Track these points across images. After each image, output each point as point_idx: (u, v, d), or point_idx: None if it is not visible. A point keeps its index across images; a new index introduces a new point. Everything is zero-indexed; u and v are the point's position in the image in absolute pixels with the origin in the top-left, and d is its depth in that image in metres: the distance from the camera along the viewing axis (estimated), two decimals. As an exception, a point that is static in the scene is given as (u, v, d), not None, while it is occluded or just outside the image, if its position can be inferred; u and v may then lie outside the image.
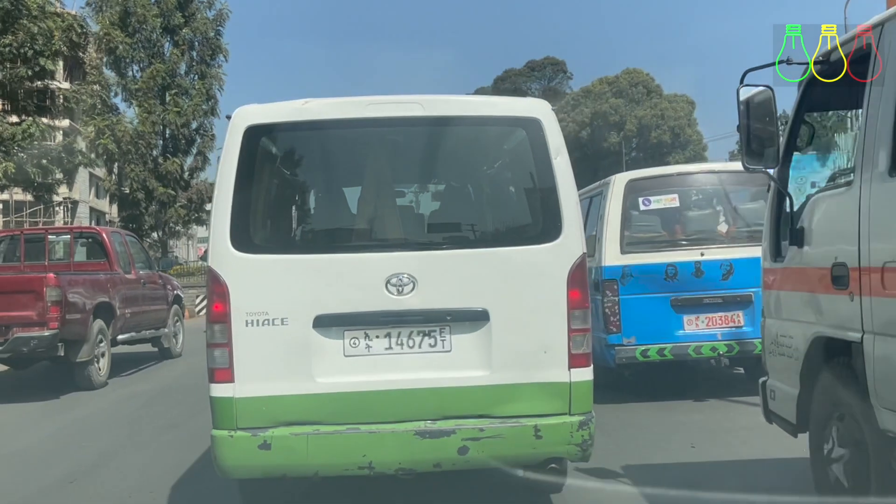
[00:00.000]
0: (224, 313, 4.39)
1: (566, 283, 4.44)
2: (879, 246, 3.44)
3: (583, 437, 4.39)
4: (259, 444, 4.32)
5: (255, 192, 4.67)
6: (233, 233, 4.45)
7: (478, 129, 4.98)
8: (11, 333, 9.64)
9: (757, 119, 4.03)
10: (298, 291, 4.45)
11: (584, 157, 59.18)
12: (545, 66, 69.80)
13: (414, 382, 4.41)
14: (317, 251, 4.78)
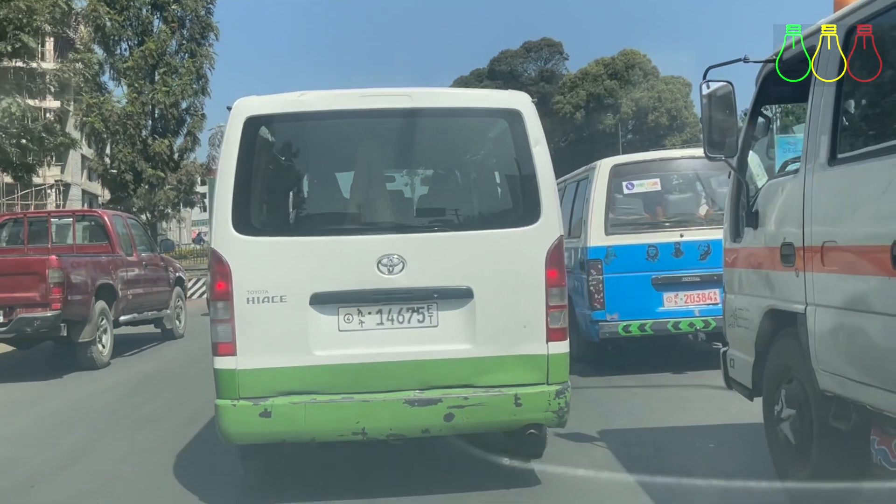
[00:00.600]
0: (226, 292, 4.71)
1: (545, 263, 4.79)
2: (819, 228, 3.83)
3: (559, 405, 4.75)
4: (260, 412, 4.65)
5: (255, 179, 4.96)
6: (234, 216, 4.77)
7: (462, 119, 5.33)
8: (15, 314, 9.90)
9: (718, 112, 4.40)
10: (296, 271, 4.76)
11: (579, 140, 59.08)
12: (542, 48, 69.22)
13: (403, 355, 4.74)
14: (313, 234, 5.08)
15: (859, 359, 3.59)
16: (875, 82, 3.64)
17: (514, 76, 66.05)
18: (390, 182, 5.79)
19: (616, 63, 61.69)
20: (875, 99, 3.76)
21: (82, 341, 10.62)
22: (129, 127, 28.24)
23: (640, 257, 8.71)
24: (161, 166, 28.98)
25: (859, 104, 3.89)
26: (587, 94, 60.44)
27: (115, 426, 7.43)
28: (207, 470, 5.84)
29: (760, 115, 4.77)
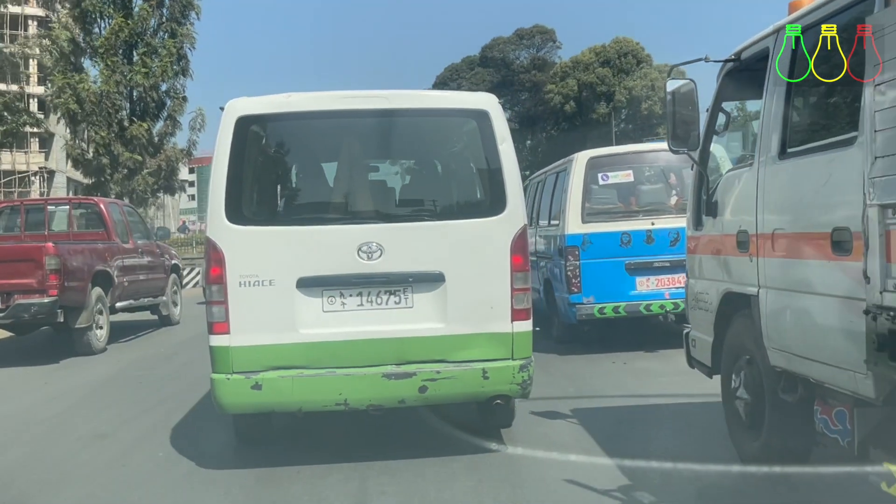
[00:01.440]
0: (221, 276, 5.04)
1: (509, 250, 5.12)
2: (770, 216, 4.02)
3: (523, 378, 5.12)
4: (251, 385, 4.99)
5: (246, 173, 5.29)
6: (227, 208, 5.09)
7: (435, 119, 5.70)
8: (13, 300, 9.92)
9: (681, 107, 4.58)
10: (284, 257, 5.09)
11: (572, 129, 56.88)
12: (534, 35, 66.90)
13: (382, 333, 5.08)
14: (299, 223, 5.41)
15: (803, 336, 3.80)
16: (820, 84, 3.82)
17: (505, 63, 64.52)
18: (369, 176, 6.09)
19: (608, 51, 59.63)
20: (820, 99, 3.96)
21: (79, 327, 10.63)
22: (106, 106, 25.40)
23: (615, 244, 8.98)
24: (140, 150, 26.25)
25: (807, 103, 4.08)
26: (579, 82, 58.38)
27: (110, 409, 7.47)
28: (196, 439, 6.12)
29: (721, 110, 4.95)
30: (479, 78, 62.91)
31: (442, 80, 64.87)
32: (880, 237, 3.20)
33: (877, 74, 3.16)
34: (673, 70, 4.58)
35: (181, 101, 27.14)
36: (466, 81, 62.99)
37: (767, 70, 4.14)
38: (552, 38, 67.17)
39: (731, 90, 4.85)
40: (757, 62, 4.32)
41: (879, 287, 3.19)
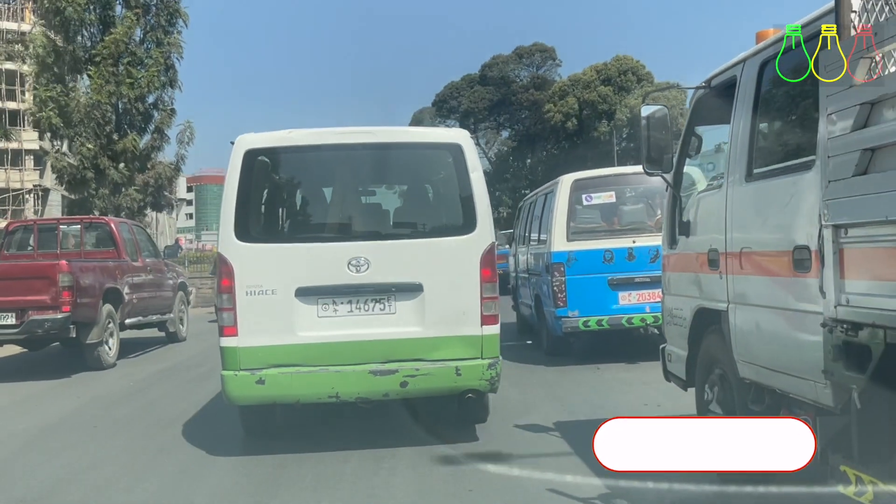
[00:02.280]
0: (230, 286, 5.63)
1: (479, 264, 5.70)
2: (738, 235, 4.13)
3: (491, 375, 5.69)
4: (256, 380, 5.57)
5: (253, 198, 5.94)
6: (236, 227, 5.70)
7: (415, 151, 6.35)
8: (27, 316, 10.00)
9: (655, 132, 4.70)
10: (284, 270, 5.68)
11: (572, 147, 55.55)
12: (534, 53, 64.85)
13: (368, 336, 5.64)
14: (298, 241, 6.07)
15: (769, 349, 3.89)
16: (782, 110, 3.94)
17: (505, 82, 62.58)
18: (358, 200, 6.74)
19: (609, 69, 57.56)
20: (783, 125, 4.07)
21: (90, 343, 10.68)
22: (96, 118, 22.72)
23: (598, 261, 9.15)
24: (128, 165, 23.64)
25: (771, 128, 4.19)
26: (579, 100, 56.23)
27: (120, 423, 7.52)
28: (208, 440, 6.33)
29: (693, 134, 5.07)
30: (479, 96, 61.79)
31: (442, 97, 63.63)
32: (834, 255, 3.31)
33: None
34: (647, 96, 4.70)
35: (169, 114, 24.45)
36: (466, 99, 61.82)
37: (735, 96, 4.26)
38: (552, 56, 65.50)
39: (702, 115, 4.98)
40: (726, 89, 4.44)
41: (834, 301, 3.29)
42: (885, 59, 3.25)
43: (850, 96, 3.25)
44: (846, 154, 3.25)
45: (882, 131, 3.11)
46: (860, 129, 3.21)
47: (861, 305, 3.16)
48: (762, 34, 4.09)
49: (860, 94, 3.20)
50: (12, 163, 46.73)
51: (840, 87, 3.28)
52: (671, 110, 4.97)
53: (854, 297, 3.22)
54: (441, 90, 64.46)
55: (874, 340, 3.07)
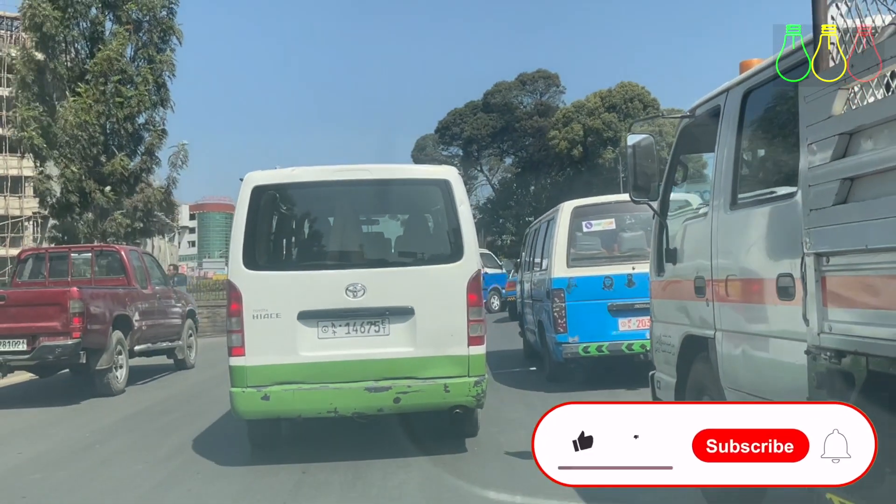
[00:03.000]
0: (238, 310, 6.04)
1: (466, 289, 6.10)
2: (724, 263, 4.13)
3: (477, 392, 6.08)
4: (262, 396, 5.98)
5: (259, 230, 6.35)
6: (244, 257, 6.14)
7: (407, 187, 6.79)
8: (39, 342, 10.04)
9: (642, 160, 4.72)
10: (287, 295, 6.09)
11: (577, 174, 54.47)
12: (537, 79, 63.77)
13: (364, 356, 6.01)
14: (300, 269, 6.54)
15: (755, 376, 3.88)
16: (765, 139, 3.96)
17: (508, 109, 61.67)
18: (355, 231, 7.18)
19: (614, 96, 56.32)
20: (767, 154, 4.09)
21: (99, 369, 10.71)
22: (82, 140, 20.44)
23: (598, 287, 9.12)
24: (116, 188, 21.30)
25: (755, 157, 4.21)
26: (584, 127, 55.01)
27: (129, 448, 7.54)
28: (209, 472, 6.37)
29: (679, 162, 5.08)
30: (482, 123, 61.10)
31: (444, 124, 62.85)
32: (816, 283, 3.30)
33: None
34: (633, 125, 4.74)
35: (160, 135, 22.25)
36: (469, 126, 61.14)
37: (719, 125, 4.28)
38: (556, 82, 64.33)
39: (688, 143, 5.01)
40: (710, 118, 4.46)
41: (817, 329, 3.29)
42: (863, 90, 3.27)
43: (829, 126, 3.27)
44: (826, 183, 3.26)
45: (860, 161, 3.12)
46: (839, 158, 3.23)
47: (843, 333, 3.16)
48: (746, 64, 4.13)
49: (838, 124, 3.23)
50: (11, 189, 46.03)
51: (820, 116, 3.31)
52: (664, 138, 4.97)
53: (837, 325, 3.21)
54: (444, 117, 63.79)
55: (857, 368, 3.06)
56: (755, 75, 3.94)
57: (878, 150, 3.02)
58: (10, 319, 9.89)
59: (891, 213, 2.91)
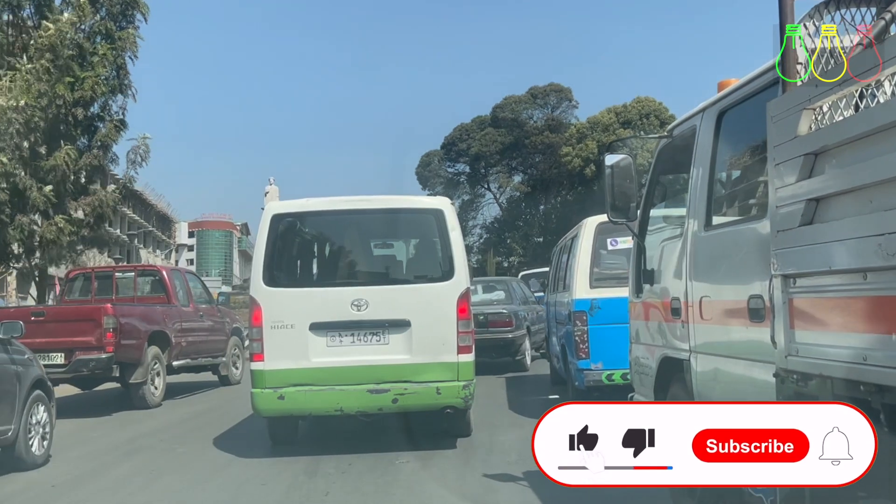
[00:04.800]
0: (259, 322, 6.88)
1: (456, 304, 6.90)
2: (698, 284, 4.07)
3: (465, 394, 6.89)
4: (278, 396, 6.83)
5: (278, 252, 7.24)
6: (265, 275, 7.02)
7: (405, 215, 7.67)
8: (75, 356, 10.48)
9: (620, 180, 4.69)
10: (301, 309, 6.92)
11: (589, 193, 51.30)
12: (548, 94, 60.36)
13: (367, 362, 6.81)
14: (312, 286, 7.52)
15: (728, 397, 3.78)
16: (739, 160, 3.90)
17: (518, 124, 58.55)
18: (360, 253, 8.09)
19: (630, 111, 53.30)
20: (739, 176, 4.03)
21: (134, 382, 11.10)
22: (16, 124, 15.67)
23: (623, 309, 8.54)
24: (58, 187, 16.67)
25: (728, 179, 4.15)
26: (598, 144, 51.63)
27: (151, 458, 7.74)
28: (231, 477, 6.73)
29: (658, 183, 5.02)
30: (490, 138, 58.19)
31: (450, 140, 59.93)
32: (784, 305, 3.25)
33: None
34: (611, 145, 4.73)
35: (117, 126, 17.73)
36: (476, 142, 58.37)
37: (694, 146, 4.23)
38: (568, 96, 60.60)
39: (666, 164, 4.97)
40: (686, 138, 4.41)
41: (785, 352, 3.22)
42: (831, 110, 3.21)
43: (794, 147, 3.23)
44: (792, 204, 3.22)
45: (825, 182, 3.06)
46: (805, 179, 3.16)
47: (809, 356, 3.10)
48: (724, 83, 4.09)
49: (803, 144, 3.17)
50: None
51: (786, 137, 3.26)
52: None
53: (803, 347, 3.16)
54: (450, 132, 60.60)
55: (823, 391, 2.98)
56: (729, 95, 3.90)
57: (842, 171, 2.97)
58: (48, 334, 10.27)
59: (853, 234, 2.86)
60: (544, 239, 55.84)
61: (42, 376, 7.40)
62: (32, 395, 7.04)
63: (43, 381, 7.39)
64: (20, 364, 6.99)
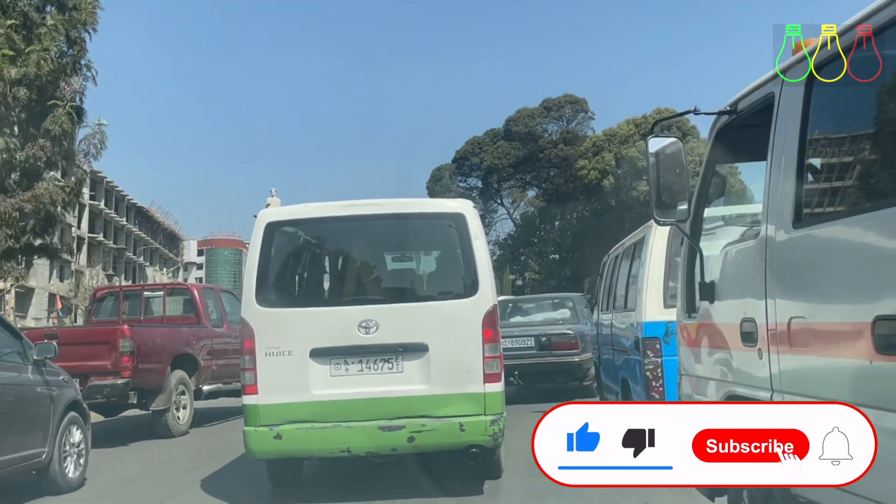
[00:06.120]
0: (251, 348, 5.94)
1: (481, 325, 5.93)
2: (785, 301, 2.98)
3: (494, 431, 5.91)
4: (274, 435, 5.88)
5: (272, 266, 6.33)
6: (257, 293, 6.09)
7: (421, 221, 6.63)
8: (89, 381, 9.81)
9: (667, 171, 3.65)
10: (300, 332, 5.99)
11: (606, 209, 50.82)
12: (563, 105, 58.97)
13: (377, 393, 5.88)
14: (312, 305, 6.49)
15: None
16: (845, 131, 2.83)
17: (532, 137, 57.40)
18: (368, 266, 7.06)
19: (649, 122, 50.98)
20: (847, 149, 2.92)
21: (156, 409, 10.43)
22: None
23: None
24: None
25: (829, 155, 3.05)
26: (615, 156, 50.79)
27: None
28: None
29: (715, 174, 3.95)
30: (503, 152, 57.20)
31: (462, 154, 59.19)
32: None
33: None
34: (656, 126, 3.64)
35: (67, 111, 14.65)
36: (489, 156, 57.41)
37: (774, 120, 3.16)
38: (583, 108, 59.20)
39: (726, 149, 3.89)
40: (758, 113, 3.34)
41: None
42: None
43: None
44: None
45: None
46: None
47: None
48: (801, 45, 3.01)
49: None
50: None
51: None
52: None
53: None
54: (462, 146, 59.86)
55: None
56: (824, 47, 2.82)
57: None
58: (62, 359, 9.48)
59: None
60: (560, 256, 55.04)
61: (77, 398, 7.30)
62: (67, 416, 6.91)
63: (78, 403, 7.27)
64: (55, 386, 6.89)
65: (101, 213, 64.48)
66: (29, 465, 6.39)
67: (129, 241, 64.73)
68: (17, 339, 6.77)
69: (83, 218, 60.00)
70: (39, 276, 49.82)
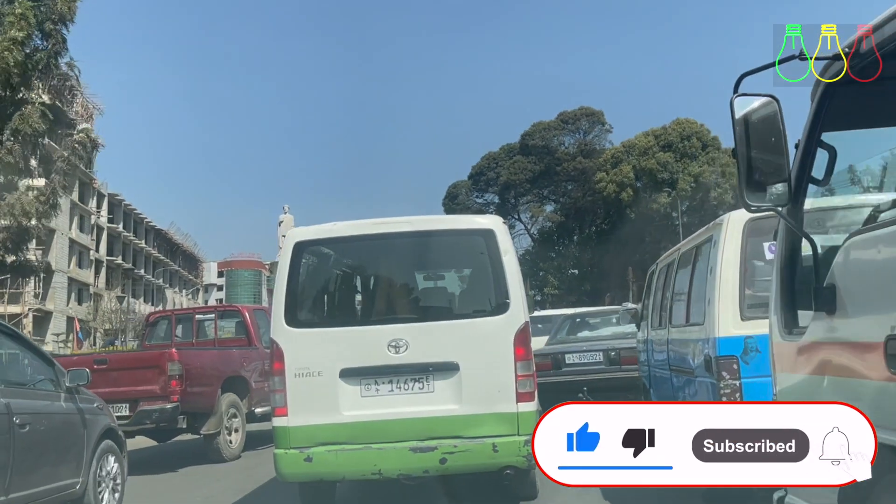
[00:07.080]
0: (281, 369, 5.90)
1: (513, 343, 5.86)
2: None
3: (527, 451, 5.68)
4: (304, 458, 5.83)
5: (301, 286, 6.33)
6: (286, 314, 6.02)
7: (450, 237, 6.53)
8: (139, 407, 9.63)
9: (759, 141, 2.79)
10: (329, 353, 5.93)
11: (625, 222, 48.74)
12: (579, 118, 58.07)
13: (408, 414, 5.81)
14: (342, 325, 6.41)
15: None
16: None
17: (548, 151, 56.44)
18: (397, 285, 6.98)
19: (669, 133, 49.97)
20: None
21: (207, 433, 10.18)
22: None
23: None
24: None
25: None
26: (634, 168, 49.28)
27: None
28: None
29: (821, 145, 2.95)
30: (519, 166, 56.56)
31: (478, 169, 58.72)
32: None
33: None
34: (740, 83, 2.81)
35: (38, 110, 13.03)
36: (505, 171, 56.81)
37: None
38: (600, 120, 58.23)
39: (839, 112, 2.93)
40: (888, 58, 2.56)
41: None
42: None
43: None
44: None
45: None
46: None
47: None
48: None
49: None
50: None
51: None
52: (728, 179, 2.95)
53: None
54: (478, 161, 59.83)
55: None
56: None
57: None
58: (111, 384, 9.46)
59: None
60: (580, 271, 54.43)
61: (112, 425, 7.17)
62: (102, 445, 6.76)
63: (114, 431, 7.13)
64: (88, 413, 6.73)
65: (119, 235, 66.08)
66: (63, 497, 6.14)
67: (147, 264, 65.83)
68: (50, 366, 6.52)
69: (101, 241, 61.38)
70: (58, 300, 50.77)
